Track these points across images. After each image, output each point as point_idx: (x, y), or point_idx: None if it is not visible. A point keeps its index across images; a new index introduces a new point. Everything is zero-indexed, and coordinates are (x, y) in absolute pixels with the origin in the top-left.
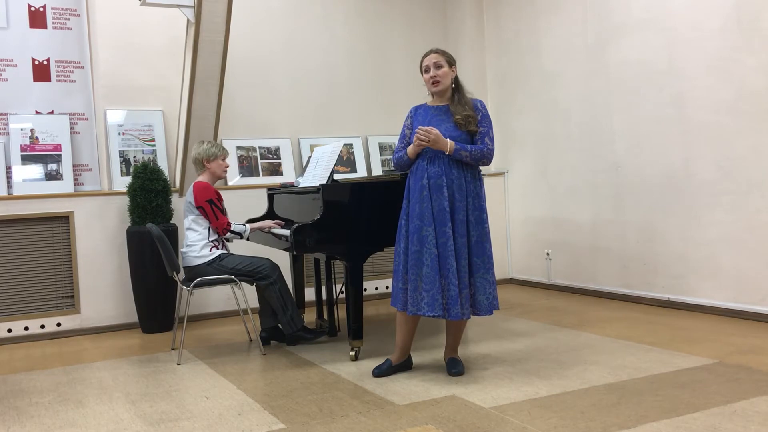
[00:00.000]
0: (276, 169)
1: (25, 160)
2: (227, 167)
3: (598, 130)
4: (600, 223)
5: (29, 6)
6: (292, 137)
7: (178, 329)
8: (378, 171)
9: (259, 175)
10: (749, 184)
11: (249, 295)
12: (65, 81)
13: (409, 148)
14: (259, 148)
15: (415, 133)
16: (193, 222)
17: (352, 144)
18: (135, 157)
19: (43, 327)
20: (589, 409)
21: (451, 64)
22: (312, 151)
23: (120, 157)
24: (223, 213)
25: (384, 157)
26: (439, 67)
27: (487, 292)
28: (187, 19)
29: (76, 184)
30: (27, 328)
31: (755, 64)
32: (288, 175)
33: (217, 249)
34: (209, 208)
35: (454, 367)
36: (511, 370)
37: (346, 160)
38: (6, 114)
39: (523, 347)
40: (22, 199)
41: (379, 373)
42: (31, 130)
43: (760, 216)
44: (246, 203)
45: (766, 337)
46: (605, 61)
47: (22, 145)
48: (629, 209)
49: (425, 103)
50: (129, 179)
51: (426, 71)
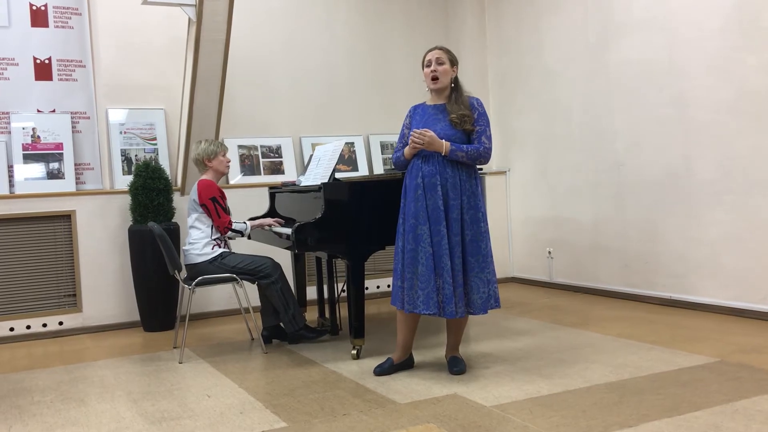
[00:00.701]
0: (277, 168)
1: (27, 159)
2: (229, 162)
3: (599, 130)
4: (601, 222)
5: (31, 5)
6: (294, 136)
7: (180, 328)
8: (379, 170)
9: (260, 173)
10: (750, 183)
11: (251, 293)
12: (67, 80)
13: (406, 149)
14: (261, 146)
15: (411, 134)
16: (196, 220)
17: (353, 143)
18: (137, 155)
19: (45, 326)
20: (590, 407)
21: (454, 63)
22: (313, 149)
23: (121, 155)
24: (225, 211)
25: (385, 155)
26: (440, 64)
27: (481, 291)
28: (189, 18)
29: (77, 183)
30: (29, 327)
31: (756, 64)
32: (289, 174)
33: (219, 247)
34: (212, 205)
35: (456, 366)
36: (513, 368)
37: (348, 159)
38: (8, 113)
39: (525, 346)
40: (23, 198)
41: (381, 371)
42: (33, 129)
43: (761, 215)
44: (247, 202)
45: None
46: (606, 61)
47: (23, 144)
48: (630, 208)
49: (424, 102)
50: (131, 178)
51: (428, 65)
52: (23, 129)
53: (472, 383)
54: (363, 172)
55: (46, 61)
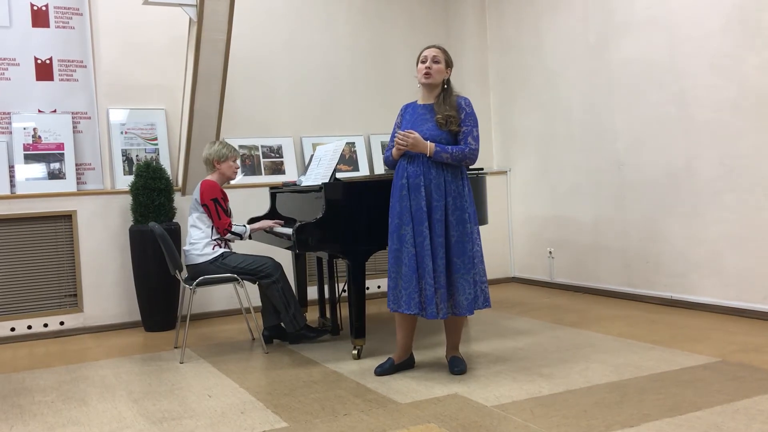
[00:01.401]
0: (278, 168)
1: (28, 159)
2: (237, 168)
3: (600, 129)
4: (602, 222)
5: (32, 5)
6: (295, 136)
7: (181, 328)
8: (380, 170)
9: (261, 174)
10: (751, 183)
11: (251, 293)
12: (68, 80)
13: (393, 150)
14: (262, 146)
15: (395, 135)
16: (197, 219)
17: (354, 143)
18: (137, 155)
19: (46, 326)
20: (591, 407)
21: (449, 65)
22: (314, 149)
23: (122, 155)
24: (226, 213)
25: None
26: (436, 62)
27: (467, 292)
28: (190, 18)
29: (78, 183)
30: (30, 327)
31: (757, 63)
32: (290, 174)
33: (220, 247)
34: (213, 206)
35: (457, 366)
36: (514, 368)
37: (349, 159)
38: (9, 113)
39: (526, 346)
40: (24, 198)
41: (382, 371)
42: (34, 129)
43: (762, 214)
44: (248, 202)
45: None
46: (607, 60)
47: (24, 144)
48: (631, 208)
49: (415, 101)
50: (131, 178)
51: (423, 61)
52: (24, 129)
53: (473, 383)
54: (364, 172)
55: (47, 61)
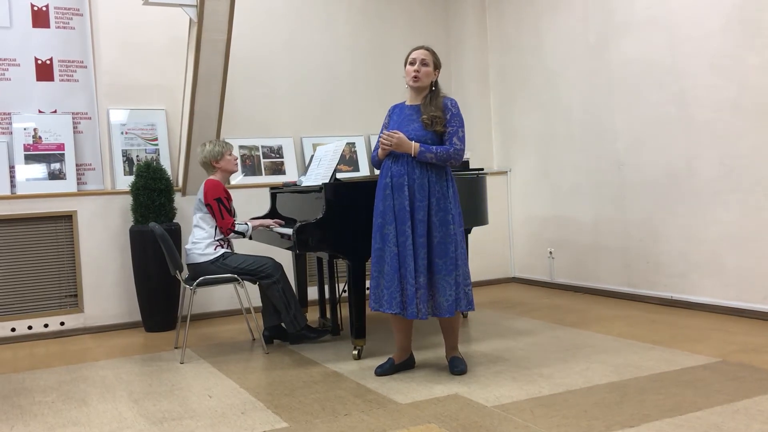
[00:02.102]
0: (278, 168)
1: (29, 159)
2: (236, 159)
3: (600, 129)
4: (602, 222)
5: (32, 5)
6: (295, 136)
7: (181, 328)
8: None
9: (261, 174)
10: (752, 183)
11: (252, 293)
12: (68, 80)
13: (379, 151)
14: (262, 147)
15: (381, 135)
16: (200, 219)
17: (354, 143)
18: (138, 156)
19: (46, 326)
20: (591, 407)
21: (437, 67)
22: (315, 150)
23: (123, 156)
24: (230, 213)
25: None
26: (424, 65)
27: (447, 294)
28: (190, 19)
29: (79, 184)
30: (30, 327)
31: (757, 63)
32: (291, 174)
33: (222, 248)
34: (216, 206)
35: (457, 366)
36: (514, 368)
37: (349, 159)
38: (9, 113)
39: (526, 346)
40: (25, 198)
41: (382, 372)
42: (34, 130)
43: (762, 214)
44: (249, 202)
45: None
46: (607, 60)
47: (25, 144)
48: (632, 208)
49: (404, 101)
50: (132, 178)
51: (411, 63)
52: (24, 129)
53: (473, 383)
54: (364, 172)
55: (48, 61)
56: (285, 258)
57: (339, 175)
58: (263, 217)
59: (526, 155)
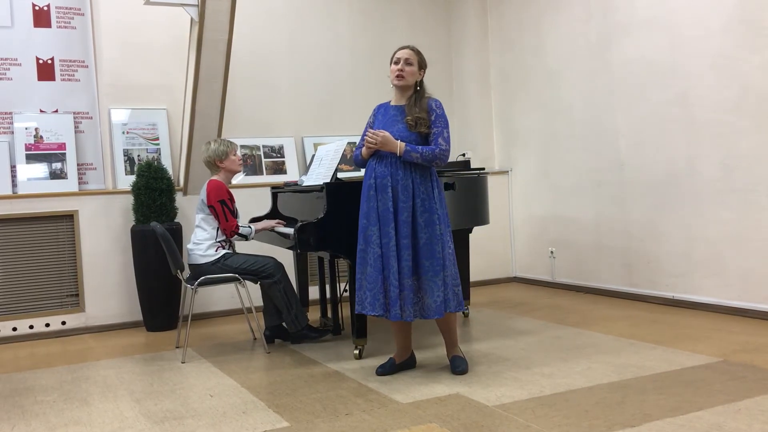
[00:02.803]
0: (280, 168)
1: (30, 159)
2: (240, 159)
3: (601, 129)
4: (604, 222)
5: (33, 5)
6: (296, 136)
7: (183, 327)
8: None
9: (262, 173)
10: (753, 182)
11: (253, 293)
12: (69, 80)
13: (363, 149)
14: (263, 146)
15: (366, 134)
16: (202, 220)
17: (355, 142)
18: (139, 155)
19: (47, 325)
20: (593, 407)
21: (422, 67)
22: (316, 149)
23: (124, 155)
24: (233, 215)
25: None
26: (408, 64)
27: (435, 295)
28: (191, 18)
29: (80, 183)
30: (32, 327)
31: (759, 63)
32: (292, 174)
33: (223, 249)
34: (220, 208)
35: (458, 366)
36: (515, 368)
37: (350, 159)
38: (10, 113)
39: (527, 345)
40: (26, 198)
41: (383, 371)
42: (36, 129)
43: (764, 214)
44: (249, 202)
45: None
46: (608, 60)
47: (26, 144)
48: (633, 207)
49: (389, 101)
50: (133, 178)
51: (395, 63)
52: (26, 129)
53: (475, 383)
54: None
55: (49, 61)
56: (286, 257)
57: (340, 175)
58: (264, 217)
59: (527, 155)
